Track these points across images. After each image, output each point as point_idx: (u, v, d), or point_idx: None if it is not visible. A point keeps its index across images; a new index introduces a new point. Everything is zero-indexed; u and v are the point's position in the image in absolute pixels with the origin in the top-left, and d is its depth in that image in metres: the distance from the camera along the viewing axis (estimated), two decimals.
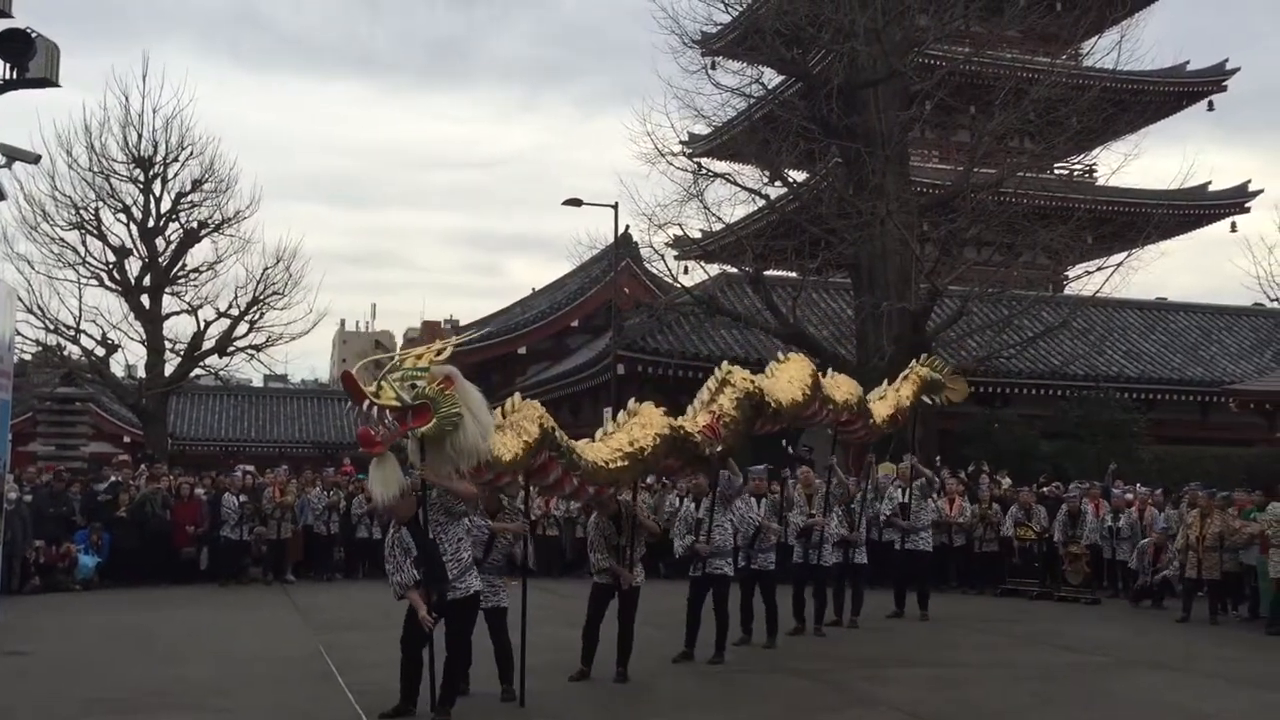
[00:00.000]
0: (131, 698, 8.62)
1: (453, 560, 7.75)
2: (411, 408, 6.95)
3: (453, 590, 7.70)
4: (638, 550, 9.67)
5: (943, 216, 23.39)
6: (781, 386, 10.85)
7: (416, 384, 7.00)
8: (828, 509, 12.67)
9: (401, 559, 7.66)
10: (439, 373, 7.08)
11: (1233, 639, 13.13)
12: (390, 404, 6.94)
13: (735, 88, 24.87)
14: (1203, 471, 20.49)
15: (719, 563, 10.55)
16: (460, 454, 7.12)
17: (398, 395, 6.94)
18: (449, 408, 7.00)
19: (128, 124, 27.39)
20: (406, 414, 6.95)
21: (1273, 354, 29.18)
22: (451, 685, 7.81)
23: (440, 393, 7.01)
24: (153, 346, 27.82)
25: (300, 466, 23.10)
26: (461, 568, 7.78)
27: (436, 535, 7.74)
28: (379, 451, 6.95)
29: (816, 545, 12.45)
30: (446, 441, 7.03)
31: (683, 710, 8.46)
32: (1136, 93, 33.17)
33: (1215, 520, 14.57)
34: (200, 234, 28.15)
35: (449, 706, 7.75)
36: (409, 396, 6.94)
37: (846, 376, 12.80)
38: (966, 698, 9.16)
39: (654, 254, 25.92)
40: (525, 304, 41.65)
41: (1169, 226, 30.27)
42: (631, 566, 9.51)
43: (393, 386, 6.96)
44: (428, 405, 6.97)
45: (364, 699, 8.00)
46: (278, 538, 17.90)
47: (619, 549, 9.47)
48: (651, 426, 8.96)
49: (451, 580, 7.71)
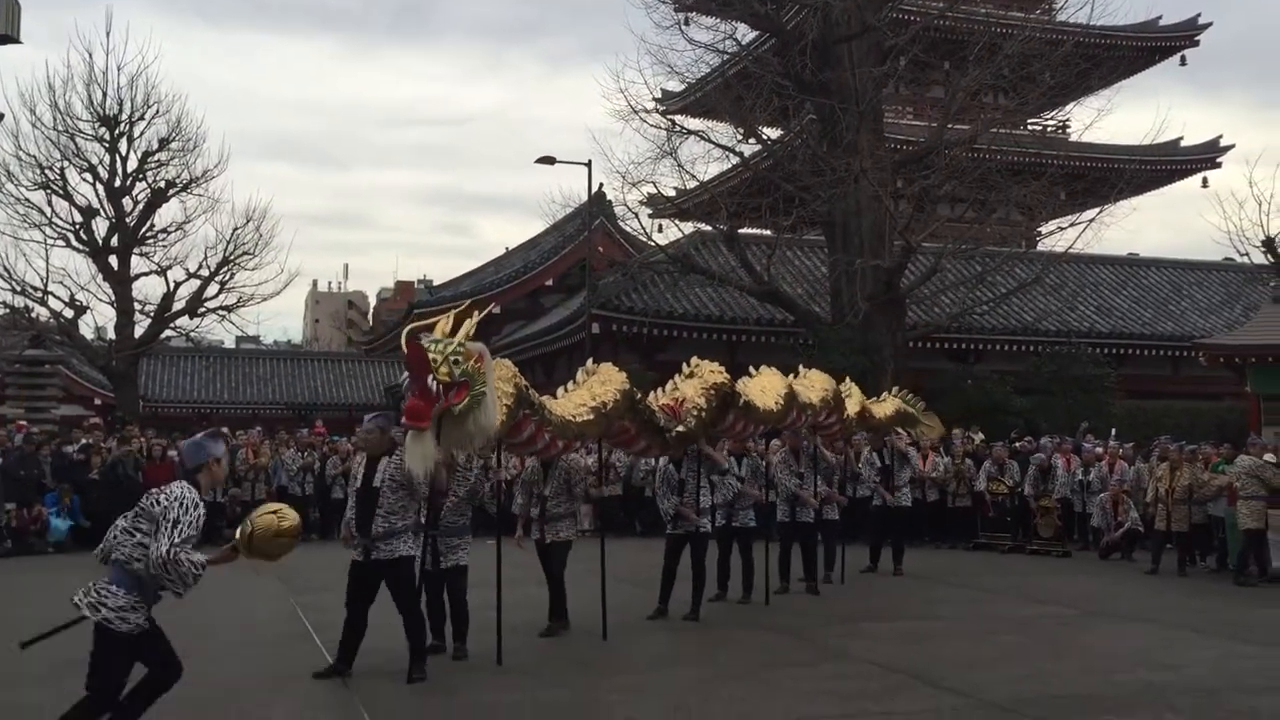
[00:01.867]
0: None
1: (383, 519, 7.78)
2: (457, 384, 6.92)
3: (375, 549, 7.76)
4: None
5: (917, 173, 23.38)
6: (755, 392, 10.88)
7: (459, 360, 6.95)
8: (816, 477, 12.72)
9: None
10: (473, 349, 7.05)
11: (1201, 590, 13.31)
12: (444, 379, 6.87)
13: (709, 44, 24.76)
14: (1173, 425, 20.70)
15: (698, 520, 10.63)
16: (479, 431, 7.13)
17: (450, 371, 6.89)
18: (480, 385, 7.02)
19: (92, 82, 27.05)
20: (451, 390, 6.90)
21: (1242, 308, 29.40)
22: (417, 645, 7.90)
23: (476, 370, 7.01)
24: (122, 308, 27.57)
25: (274, 428, 23.00)
26: (390, 530, 7.79)
27: (383, 491, 7.79)
28: (427, 426, 6.89)
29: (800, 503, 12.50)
30: (470, 418, 7.01)
31: (658, 665, 8.51)
32: (1109, 47, 33.20)
33: (1184, 473, 14.74)
34: (168, 193, 27.85)
35: (421, 663, 7.86)
36: (457, 373, 6.92)
37: (818, 372, 12.79)
38: (939, 651, 9.26)
39: (628, 212, 25.91)
40: (499, 263, 41.49)
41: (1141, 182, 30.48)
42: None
43: (448, 362, 6.90)
44: (467, 382, 6.95)
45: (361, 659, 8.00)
46: (252, 499, 17.86)
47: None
48: (611, 383, 9.02)
49: (373, 538, 7.75)
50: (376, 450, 8.01)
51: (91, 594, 5.80)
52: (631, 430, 9.54)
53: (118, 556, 5.83)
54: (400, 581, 7.90)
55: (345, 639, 7.98)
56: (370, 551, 7.82)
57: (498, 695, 7.60)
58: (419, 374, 6.85)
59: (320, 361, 43.92)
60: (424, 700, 7.40)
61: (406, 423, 7.01)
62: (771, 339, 24.56)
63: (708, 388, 10.07)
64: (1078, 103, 27.65)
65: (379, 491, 7.83)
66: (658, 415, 9.59)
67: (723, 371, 10.37)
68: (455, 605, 8.78)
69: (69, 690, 7.07)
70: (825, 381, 12.52)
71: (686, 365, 10.45)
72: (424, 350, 6.89)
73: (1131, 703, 7.51)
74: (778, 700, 7.45)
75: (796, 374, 12.19)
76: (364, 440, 8.26)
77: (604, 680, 8.07)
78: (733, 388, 10.38)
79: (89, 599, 5.81)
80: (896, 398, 15.19)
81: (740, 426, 10.96)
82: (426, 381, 6.82)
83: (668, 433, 9.69)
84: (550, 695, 7.60)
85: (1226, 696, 7.67)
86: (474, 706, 7.30)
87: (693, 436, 10.14)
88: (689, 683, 7.97)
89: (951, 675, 8.10)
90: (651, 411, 9.55)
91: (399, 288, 70.51)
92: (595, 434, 9.29)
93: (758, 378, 11.39)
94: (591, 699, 7.52)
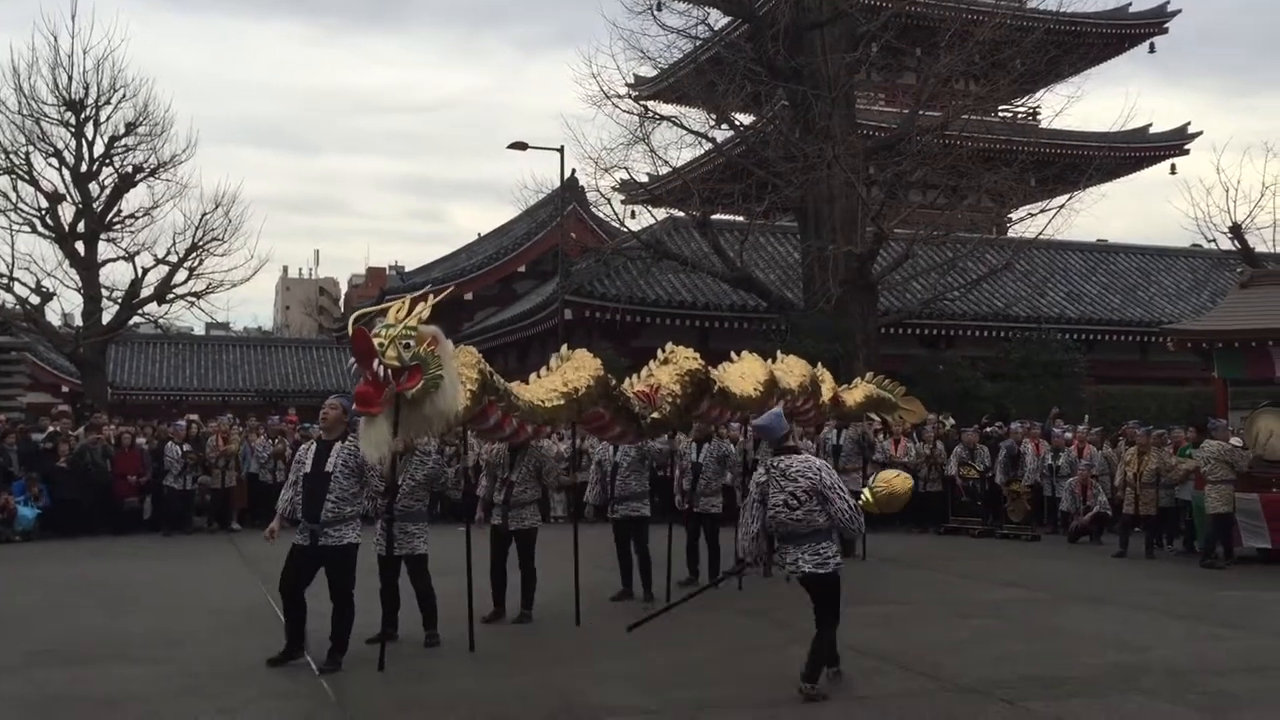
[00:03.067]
0: (76, 649, 8.52)
1: (334, 504, 7.73)
2: (408, 368, 6.90)
3: (324, 535, 7.72)
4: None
5: (888, 159, 23.45)
6: (733, 378, 10.88)
7: (410, 344, 6.93)
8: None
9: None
10: (426, 333, 7.03)
11: (1168, 573, 13.44)
12: (393, 364, 6.86)
13: (681, 29, 24.70)
14: (1141, 410, 20.89)
15: (635, 505, 10.77)
16: (438, 415, 7.13)
17: (399, 355, 6.88)
18: (435, 369, 7.00)
19: (57, 65, 26.68)
20: (402, 374, 6.89)
21: (1209, 294, 29.69)
22: (339, 635, 7.84)
23: (430, 354, 6.99)
24: (89, 294, 27.25)
25: (244, 415, 22.84)
26: (338, 516, 7.74)
27: (335, 476, 7.75)
28: (378, 412, 6.88)
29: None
30: (427, 402, 7.00)
31: (631, 650, 8.52)
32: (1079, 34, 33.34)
33: (1152, 457, 14.88)
34: (135, 179, 27.52)
35: (339, 655, 7.80)
36: (407, 357, 6.91)
37: (796, 358, 12.81)
38: (910, 634, 9.32)
39: (601, 198, 25.84)
40: (471, 249, 41.29)
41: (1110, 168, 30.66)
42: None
43: (395, 346, 6.88)
44: (419, 367, 6.94)
45: (312, 648, 7.96)
46: (222, 486, 17.75)
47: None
48: (585, 370, 9.00)
49: (322, 524, 7.71)
50: (334, 431, 7.95)
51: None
52: (606, 416, 9.52)
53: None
54: (342, 569, 7.84)
55: (290, 624, 7.95)
56: (317, 537, 7.75)
57: (471, 682, 7.59)
58: (365, 359, 6.85)
59: (291, 348, 43.72)
60: (396, 687, 7.38)
61: (357, 409, 7.01)
62: (744, 325, 24.58)
63: (683, 374, 10.06)
64: (1048, 89, 27.89)
65: (330, 476, 7.76)
66: (633, 402, 9.58)
67: (698, 358, 10.36)
68: (420, 594, 8.72)
69: (40, 680, 7.02)
70: (803, 367, 12.55)
71: (661, 351, 10.43)
72: (367, 335, 6.88)
73: (1100, 683, 7.59)
74: (751, 685, 7.48)
75: (775, 359, 12.21)
76: (323, 418, 8.16)
77: (577, 666, 8.07)
78: (707, 374, 10.37)
79: (815, 559, 7.10)
80: (873, 383, 15.21)
81: (716, 413, 10.97)
82: (373, 366, 6.81)
83: (642, 419, 9.69)
84: (523, 681, 7.59)
85: (1193, 677, 7.76)
86: (447, 693, 7.29)
87: (668, 423, 10.14)
88: (662, 668, 7.99)
89: (923, 658, 8.15)
90: (626, 398, 9.54)
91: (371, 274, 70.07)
92: (566, 419, 9.27)
93: (737, 364, 11.38)
94: (565, 685, 7.51)
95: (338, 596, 7.85)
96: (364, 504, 8.08)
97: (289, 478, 8.39)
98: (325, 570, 7.84)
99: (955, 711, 6.92)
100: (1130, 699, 7.18)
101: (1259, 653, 8.73)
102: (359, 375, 6.92)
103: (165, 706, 6.89)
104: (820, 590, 7.23)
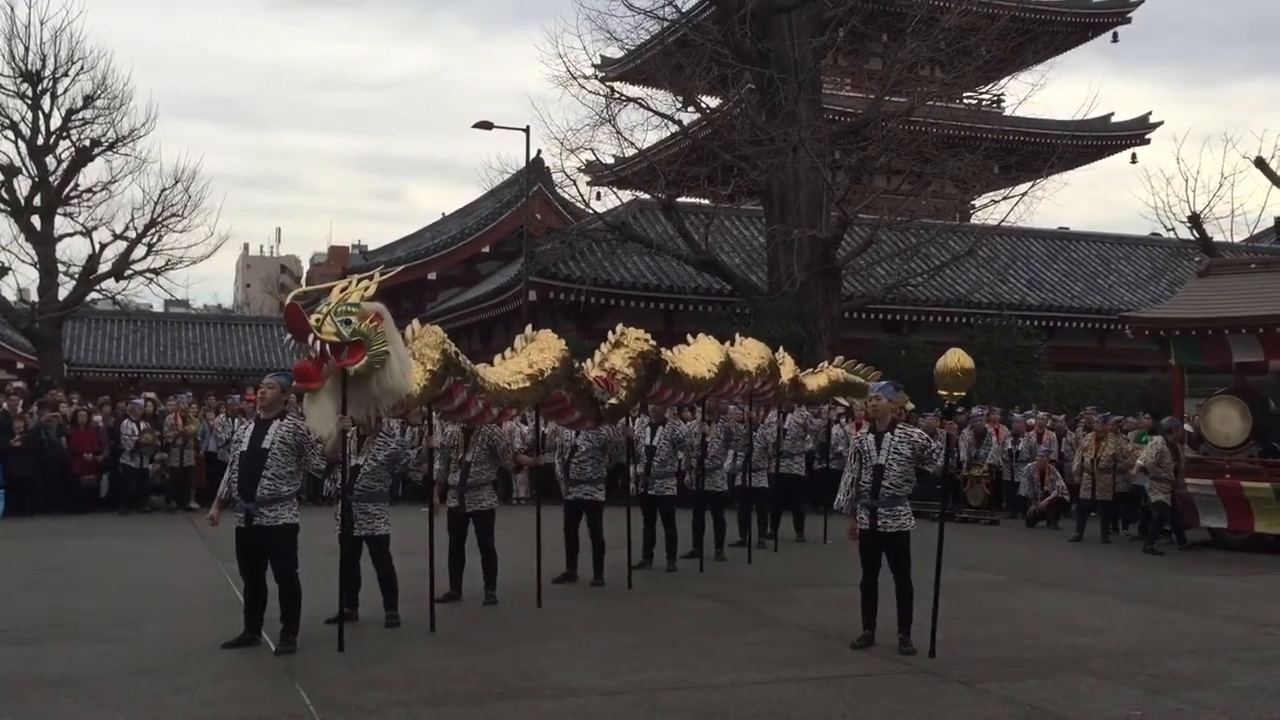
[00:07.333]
0: (29, 629, 8.43)
1: (270, 483, 7.66)
2: (348, 344, 6.92)
3: (259, 515, 7.67)
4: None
5: (854, 144, 23.50)
6: (686, 360, 10.89)
7: (350, 320, 6.94)
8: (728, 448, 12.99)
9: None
10: (369, 309, 7.04)
11: (1123, 557, 13.64)
12: (330, 339, 6.88)
13: (649, 9, 24.58)
14: (1099, 396, 21.12)
15: (589, 489, 10.76)
16: (385, 392, 7.14)
17: (337, 331, 6.89)
18: (379, 345, 7.01)
19: (13, 36, 26.17)
20: (343, 350, 6.91)
21: (1168, 283, 30.03)
22: (289, 616, 7.81)
23: (373, 330, 7.00)
24: (45, 269, 26.82)
25: (203, 393, 22.62)
26: (274, 495, 7.68)
27: (272, 453, 7.68)
28: (316, 388, 6.91)
29: (710, 472, 12.58)
30: (373, 379, 7.02)
31: (590, 632, 8.53)
32: (1044, 23, 33.58)
33: (1109, 443, 15.07)
34: (93, 153, 27.07)
35: (292, 636, 7.77)
36: (347, 332, 6.92)
37: (754, 341, 12.85)
38: None
39: (566, 179, 25.71)
40: (435, 229, 41.04)
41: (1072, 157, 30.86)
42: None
43: (334, 321, 6.90)
44: (361, 342, 6.96)
45: (270, 627, 7.92)
46: (180, 465, 17.59)
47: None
48: (550, 351, 8.98)
49: (257, 502, 7.65)
50: (272, 410, 7.87)
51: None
52: (567, 400, 9.50)
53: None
54: (281, 549, 7.78)
55: (248, 606, 7.91)
56: (253, 517, 7.69)
57: (431, 662, 7.57)
58: (299, 334, 6.90)
59: (251, 326, 43.22)
60: (356, 668, 7.35)
61: (296, 385, 7.05)
62: (709, 308, 24.60)
63: (635, 356, 10.05)
64: (1012, 77, 28.08)
65: (267, 454, 7.68)
66: (591, 386, 9.57)
67: (649, 339, 10.35)
68: (381, 574, 8.68)
69: None
70: (761, 350, 12.59)
71: (613, 333, 10.39)
72: (300, 310, 6.92)
73: (1055, 665, 7.69)
74: (711, 666, 7.51)
75: (733, 342, 12.24)
76: (261, 396, 8.07)
77: (538, 646, 8.07)
78: (659, 355, 10.37)
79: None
80: (841, 368, 15.20)
81: (669, 394, 10.98)
82: (308, 341, 6.85)
83: (601, 405, 9.67)
84: (484, 661, 7.59)
85: (1146, 659, 7.88)
86: (408, 673, 7.27)
87: (625, 408, 10.14)
88: (622, 649, 8.01)
89: (882, 640, 8.22)
90: (588, 383, 9.52)
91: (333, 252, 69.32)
92: (532, 401, 9.25)
93: (692, 346, 11.41)
94: (526, 664, 7.51)
95: (281, 578, 7.81)
96: (299, 483, 8.01)
97: (230, 460, 8.26)
98: (266, 551, 7.77)
99: (912, 692, 6.99)
100: (1083, 680, 7.28)
101: (1208, 636, 8.88)
102: (297, 351, 6.96)
103: (121, 686, 6.83)
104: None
